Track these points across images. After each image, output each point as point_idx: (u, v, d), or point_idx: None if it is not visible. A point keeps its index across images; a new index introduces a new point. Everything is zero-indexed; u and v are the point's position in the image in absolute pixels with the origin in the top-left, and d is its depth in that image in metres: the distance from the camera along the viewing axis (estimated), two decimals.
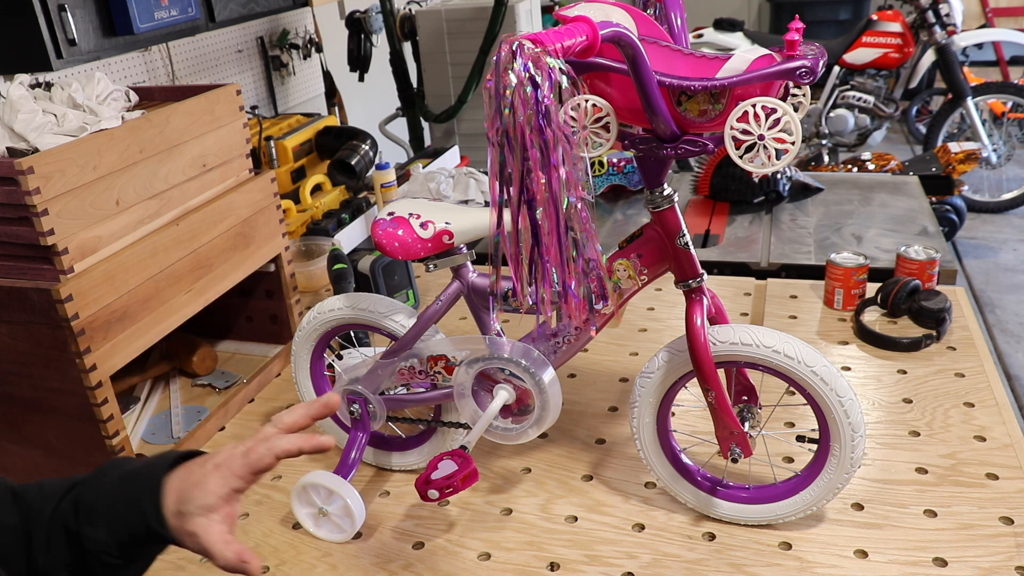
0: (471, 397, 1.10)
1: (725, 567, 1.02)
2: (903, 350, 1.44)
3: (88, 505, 0.71)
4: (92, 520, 0.71)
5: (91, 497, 0.72)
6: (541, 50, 0.71)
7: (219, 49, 2.41)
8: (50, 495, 0.72)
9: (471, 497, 1.17)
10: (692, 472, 1.11)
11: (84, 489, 0.72)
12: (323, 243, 1.93)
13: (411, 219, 1.08)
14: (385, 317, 1.18)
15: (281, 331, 1.61)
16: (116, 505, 0.71)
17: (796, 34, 0.84)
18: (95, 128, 1.17)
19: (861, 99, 3.98)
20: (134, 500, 0.71)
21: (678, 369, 1.04)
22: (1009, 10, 5.20)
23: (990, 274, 3.49)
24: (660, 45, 0.96)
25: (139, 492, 0.71)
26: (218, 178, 1.40)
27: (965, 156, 3.33)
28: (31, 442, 1.24)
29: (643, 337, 1.56)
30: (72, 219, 1.12)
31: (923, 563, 1.00)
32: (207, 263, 1.36)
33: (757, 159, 0.86)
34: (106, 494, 0.72)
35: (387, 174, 2.10)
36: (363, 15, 2.89)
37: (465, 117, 3.04)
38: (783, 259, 1.86)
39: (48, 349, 1.13)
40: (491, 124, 0.74)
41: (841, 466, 1.00)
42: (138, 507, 0.71)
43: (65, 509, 0.71)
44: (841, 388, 0.97)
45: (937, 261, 1.58)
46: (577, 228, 0.79)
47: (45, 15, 1.38)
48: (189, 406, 1.48)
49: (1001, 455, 1.17)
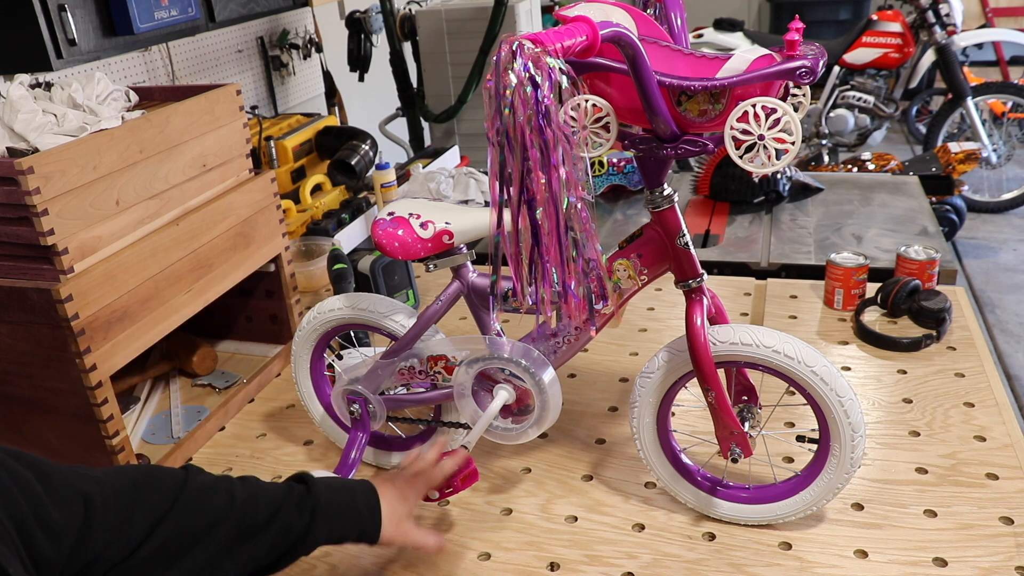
0: (471, 397, 1.10)
1: (725, 567, 1.02)
2: (903, 350, 1.44)
3: (322, 516, 0.89)
4: (322, 525, 0.89)
5: (324, 510, 0.89)
6: (541, 50, 0.71)
7: (219, 49, 2.41)
8: (270, 503, 0.87)
9: (471, 497, 1.17)
10: (692, 472, 1.11)
11: (314, 502, 0.89)
12: (323, 243, 1.93)
13: (411, 219, 1.08)
14: (385, 317, 1.18)
15: (281, 331, 1.61)
16: (340, 516, 0.91)
17: (796, 34, 0.84)
18: (95, 128, 1.17)
19: (861, 99, 3.98)
20: (355, 515, 0.92)
21: (678, 369, 1.04)
22: (1009, 10, 5.20)
23: (990, 274, 3.49)
24: (660, 45, 0.96)
25: (359, 510, 0.93)
26: (218, 178, 1.40)
27: (965, 156, 3.33)
28: (31, 442, 1.24)
29: (643, 337, 1.56)
30: (72, 219, 1.12)
31: (923, 563, 1.00)
32: (207, 263, 1.36)
33: (757, 159, 0.86)
34: (333, 506, 0.91)
35: (387, 174, 2.10)
36: (363, 15, 2.89)
37: (465, 117, 3.04)
38: (783, 259, 1.86)
39: (48, 349, 1.13)
40: (491, 124, 0.74)
41: (841, 466, 1.00)
42: (358, 521, 0.92)
43: (291, 517, 0.87)
44: (841, 388, 0.97)
45: (937, 261, 1.58)
46: (577, 228, 0.79)
47: (45, 15, 1.38)
48: (189, 406, 1.48)
49: (1001, 455, 1.17)
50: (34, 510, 0.69)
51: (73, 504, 0.73)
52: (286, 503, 0.87)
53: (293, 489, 0.90)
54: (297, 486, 0.91)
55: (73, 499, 0.73)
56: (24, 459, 0.72)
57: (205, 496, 0.83)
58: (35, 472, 0.71)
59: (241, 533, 0.83)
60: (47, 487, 0.71)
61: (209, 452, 1.35)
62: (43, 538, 0.68)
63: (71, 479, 0.74)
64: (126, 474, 0.80)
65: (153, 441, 1.38)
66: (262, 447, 1.35)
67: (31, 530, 0.68)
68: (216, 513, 0.82)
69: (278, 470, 1.28)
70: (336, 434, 1.30)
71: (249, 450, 1.34)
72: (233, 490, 0.85)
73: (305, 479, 0.92)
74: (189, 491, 0.82)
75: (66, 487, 0.73)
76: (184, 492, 0.81)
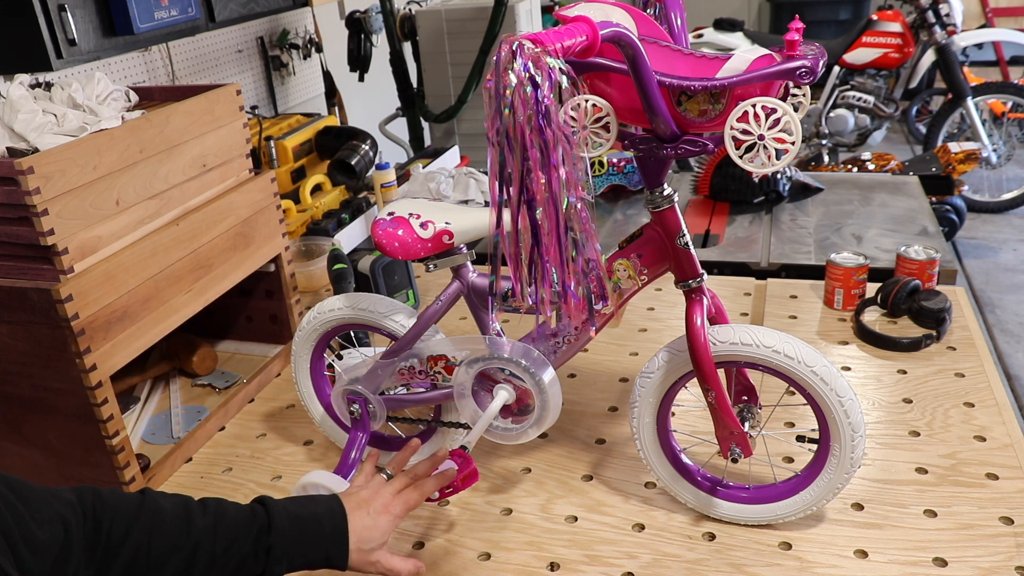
0: (471, 397, 1.10)
1: (725, 567, 1.02)
2: (903, 350, 1.44)
3: (279, 553, 0.87)
4: (280, 562, 0.87)
5: (282, 546, 0.87)
6: (541, 50, 0.71)
7: (219, 49, 2.41)
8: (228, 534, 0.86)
9: (471, 497, 1.17)
10: (692, 472, 1.11)
11: (272, 539, 0.87)
12: (323, 243, 1.93)
13: (411, 219, 1.08)
14: (385, 317, 1.18)
15: (281, 331, 1.61)
16: (301, 548, 0.88)
17: (796, 34, 0.84)
18: (95, 128, 1.17)
19: (861, 99, 3.98)
20: (319, 544, 0.89)
21: (678, 369, 1.04)
22: (1009, 10, 5.20)
23: (990, 274, 3.49)
24: (660, 45, 0.96)
25: (325, 539, 0.89)
26: (218, 178, 1.40)
27: (965, 156, 3.33)
28: (31, 442, 1.24)
29: (643, 337, 1.56)
30: (72, 219, 1.12)
31: (923, 563, 1.00)
32: (207, 263, 1.36)
33: (757, 159, 0.86)
34: (293, 540, 0.88)
35: (387, 174, 2.10)
36: (363, 15, 2.89)
37: (465, 117, 3.04)
38: (783, 259, 1.86)
39: (48, 349, 1.13)
40: (491, 124, 0.74)
41: (841, 466, 1.00)
42: (323, 549, 0.89)
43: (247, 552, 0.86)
44: (841, 388, 0.97)
45: (937, 261, 1.58)
46: (577, 228, 0.79)
47: (45, 15, 1.38)
48: (189, 406, 1.48)
49: (1001, 455, 1.17)
50: (18, 525, 0.69)
51: (53, 524, 0.74)
52: (245, 536, 0.86)
53: (255, 519, 0.88)
54: (260, 513, 0.88)
55: (53, 520, 0.74)
56: (3, 479, 0.73)
57: (160, 523, 0.83)
58: (15, 492, 0.72)
59: (197, 562, 0.83)
60: (27, 506, 0.72)
61: (209, 452, 1.35)
62: (27, 554, 0.69)
63: (49, 500, 0.75)
64: (84, 500, 0.80)
65: (153, 441, 1.38)
66: (262, 447, 1.35)
67: (16, 544, 0.68)
68: (172, 541, 0.82)
69: (278, 470, 1.28)
70: (336, 434, 1.30)
71: (249, 450, 1.34)
72: (192, 518, 0.85)
73: (267, 508, 0.90)
74: (144, 518, 0.82)
75: (46, 507, 0.74)
76: (139, 520, 0.82)
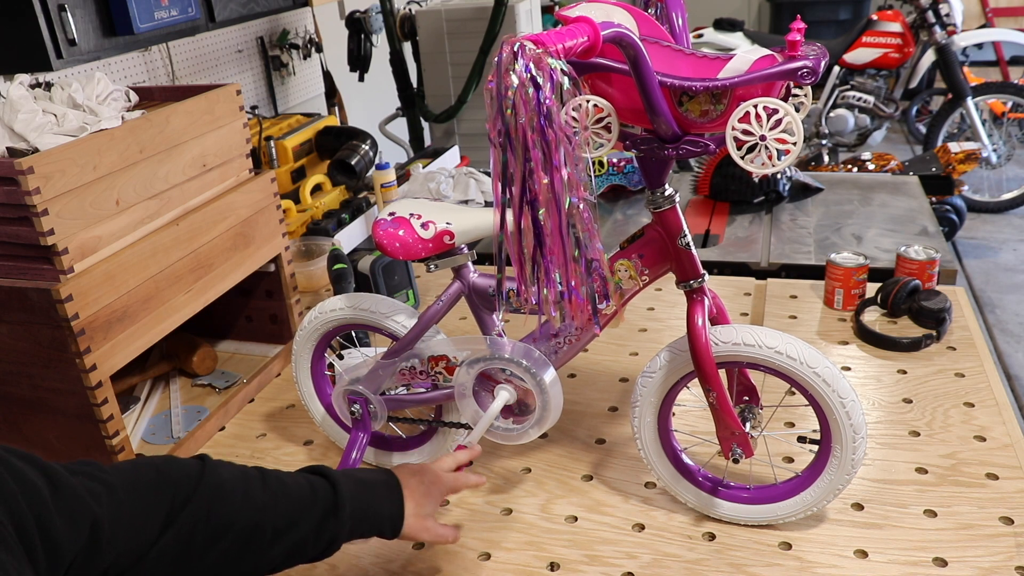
0: (472, 397, 1.10)
1: (725, 567, 1.02)
2: (903, 350, 1.44)
3: (347, 526, 0.89)
4: (341, 538, 0.89)
5: (354, 507, 0.90)
6: (542, 51, 0.71)
7: (219, 49, 2.41)
8: (299, 503, 0.87)
9: (471, 497, 1.17)
10: (693, 472, 1.11)
11: (351, 503, 0.90)
12: (323, 243, 1.93)
13: (412, 219, 1.08)
14: (386, 317, 1.18)
15: (281, 331, 1.61)
16: (362, 521, 0.91)
17: (798, 34, 0.84)
18: (95, 128, 1.17)
19: (861, 99, 3.98)
20: (376, 513, 0.93)
21: (679, 369, 1.04)
22: (1009, 10, 5.20)
23: (990, 274, 3.49)
24: (661, 45, 0.96)
25: (381, 506, 0.93)
26: (218, 178, 1.40)
27: (965, 156, 3.33)
28: (31, 442, 1.24)
29: (643, 337, 1.56)
30: (72, 219, 1.12)
31: (923, 563, 1.00)
32: (207, 263, 1.35)
33: (758, 160, 0.86)
34: (357, 514, 0.90)
35: (387, 174, 2.10)
36: (363, 15, 2.89)
37: (465, 117, 3.04)
38: (783, 259, 1.86)
39: (48, 349, 1.13)
40: (493, 125, 0.74)
41: (842, 467, 1.00)
42: (379, 519, 0.92)
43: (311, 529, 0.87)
44: (843, 389, 0.97)
45: (937, 261, 1.58)
46: (579, 228, 0.79)
47: (45, 15, 1.38)
48: (189, 406, 1.47)
49: (1001, 455, 1.17)
50: (37, 517, 0.66)
51: (79, 522, 0.70)
52: (308, 514, 0.85)
53: (317, 497, 0.87)
54: (321, 489, 0.88)
55: (81, 517, 0.70)
56: (36, 463, 0.70)
57: (219, 497, 0.81)
58: (46, 479, 0.69)
59: (255, 540, 0.81)
60: (55, 497, 0.69)
61: (209, 452, 1.35)
62: (43, 548, 0.66)
63: (81, 494, 0.71)
64: (139, 474, 0.78)
65: (153, 441, 1.38)
66: (262, 447, 1.35)
67: (31, 537, 0.65)
68: (229, 517, 0.80)
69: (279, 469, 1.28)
70: (337, 434, 1.30)
71: (249, 450, 1.34)
72: (251, 492, 0.83)
73: (330, 481, 0.90)
74: (203, 491, 0.80)
75: (76, 500, 0.70)
76: (197, 492, 0.79)
